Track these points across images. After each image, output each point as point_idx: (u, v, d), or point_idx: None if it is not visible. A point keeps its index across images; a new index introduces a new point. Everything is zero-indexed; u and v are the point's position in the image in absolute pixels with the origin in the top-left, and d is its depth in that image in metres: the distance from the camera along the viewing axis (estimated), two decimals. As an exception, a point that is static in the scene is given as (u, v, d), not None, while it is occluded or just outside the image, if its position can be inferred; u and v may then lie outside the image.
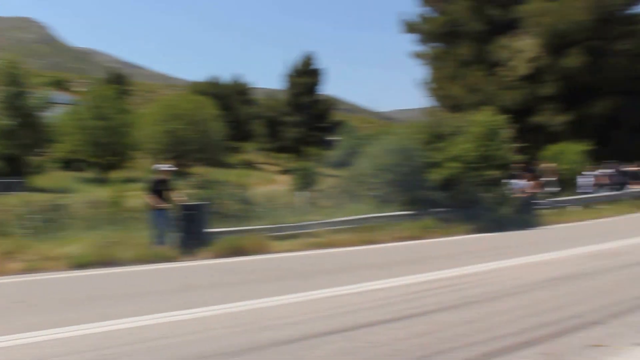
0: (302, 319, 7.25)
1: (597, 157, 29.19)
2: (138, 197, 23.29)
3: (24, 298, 8.89)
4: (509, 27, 34.25)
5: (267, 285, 9.70)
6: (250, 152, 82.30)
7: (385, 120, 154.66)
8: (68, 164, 44.80)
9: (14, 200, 19.68)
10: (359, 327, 6.83)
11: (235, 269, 11.97)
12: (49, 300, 8.85)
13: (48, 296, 9.19)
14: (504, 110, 23.14)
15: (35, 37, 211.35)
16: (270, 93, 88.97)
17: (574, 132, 29.31)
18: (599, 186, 25.95)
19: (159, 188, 14.03)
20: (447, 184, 18.57)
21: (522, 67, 32.06)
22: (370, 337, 6.44)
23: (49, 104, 40.93)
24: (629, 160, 29.69)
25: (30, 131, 38.57)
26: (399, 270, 10.96)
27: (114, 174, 43.73)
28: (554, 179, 23.53)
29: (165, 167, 14.98)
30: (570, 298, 8.22)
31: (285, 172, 63.52)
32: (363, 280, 9.75)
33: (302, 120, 75.66)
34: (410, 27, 37.97)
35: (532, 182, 21.39)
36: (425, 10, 37.77)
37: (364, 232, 15.99)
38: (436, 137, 19.66)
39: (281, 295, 8.68)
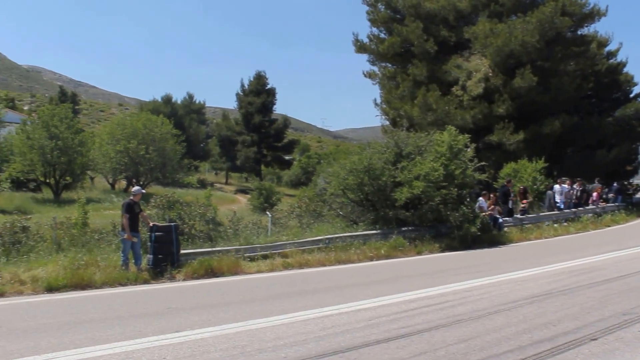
0: (295, 340, 7.26)
1: (552, 175, 29.96)
2: (100, 218, 23.06)
3: (1, 323, 8.68)
4: (461, 47, 35.00)
5: (252, 306, 9.66)
6: (206, 172, 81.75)
7: (338, 139, 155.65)
8: (21, 185, 43.73)
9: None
10: (356, 348, 6.88)
11: (213, 291, 11.91)
12: (28, 325, 8.62)
13: (26, 321, 8.95)
14: (460, 129, 23.58)
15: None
16: (223, 112, 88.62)
17: (528, 150, 29.94)
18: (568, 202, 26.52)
19: (133, 210, 13.85)
20: (413, 203, 18.78)
21: (474, 87, 32.65)
22: (370, 358, 6.49)
23: (1, 122, 39.92)
24: (583, 177, 30.57)
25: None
26: (380, 289, 11.06)
27: (69, 194, 42.89)
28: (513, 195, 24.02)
29: (137, 189, 14.81)
30: (558, 314, 8.42)
31: (242, 191, 63.31)
32: (347, 300, 9.80)
33: (256, 140, 75.59)
34: (362, 48, 38.37)
35: (493, 201, 21.78)
36: (375, 30, 38.23)
37: (335, 251, 16.05)
38: (400, 156, 19.88)
39: (269, 316, 8.68)
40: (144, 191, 15.62)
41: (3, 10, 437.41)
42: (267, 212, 21.95)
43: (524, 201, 24.06)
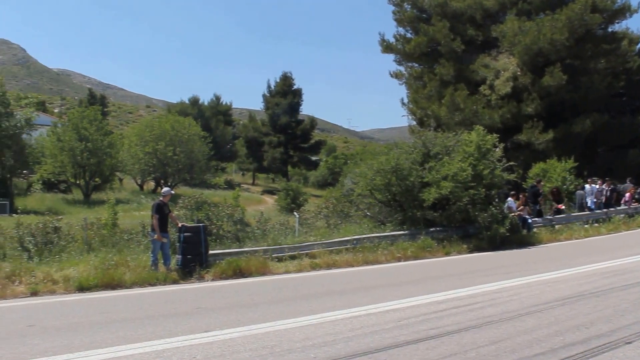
0: (324, 341, 7.23)
1: (583, 175, 29.49)
2: (129, 218, 23.29)
3: (35, 322, 8.81)
4: (488, 46, 34.76)
5: (280, 307, 9.68)
6: (232, 172, 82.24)
7: (364, 139, 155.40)
8: (52, 186, 44.49)
9: (5, 223, 19.41)
10: (385, 349, 6.84)
11: (241, 291, 11.96)
12: (61, 323, 8.74)
13: (58, 320, 9.08)
14: (489, 128, 23.39)
15: (11, 58, 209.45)
16: (250, 114, 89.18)
17: (558, 149, 29.58)
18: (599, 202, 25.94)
19: (163, 211, 13.95)
20: (441, 203, 18.66)
21: (503, 86, 32.40)
22: (400, 359, 6.45)
23: (33, 125, 40.69)
24: (615, 177, 30.04)
25: (15, 153, 38.16)
26: (408, 290, 11.03)
27: (99, 195, 43.49)
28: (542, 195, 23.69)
29: (166, 190, 14.93)
30: (591, 317, 8.28)
31: (269, 192, 63.52)
32: (376, 301, 9.76)
33: (283, 141, 75.76)
34: (388, 48, 38.32)
35: (522, 202, 21.53)
36: (402, 30, 38.18)
37: (363, 252, 16.03)
38: (428, 157, 19.77)
39: (298, 317, 8.68)
40: (173, 192, 15.73)
41: (33, 15, 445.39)
42: (295, 213, 21.99)
43: (560, 205, 23.67)
